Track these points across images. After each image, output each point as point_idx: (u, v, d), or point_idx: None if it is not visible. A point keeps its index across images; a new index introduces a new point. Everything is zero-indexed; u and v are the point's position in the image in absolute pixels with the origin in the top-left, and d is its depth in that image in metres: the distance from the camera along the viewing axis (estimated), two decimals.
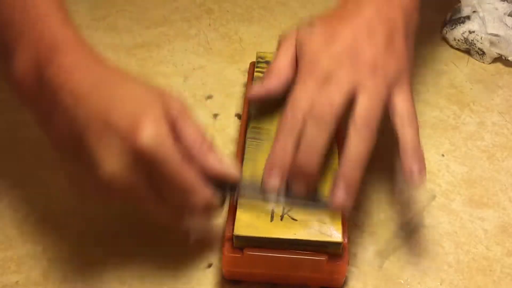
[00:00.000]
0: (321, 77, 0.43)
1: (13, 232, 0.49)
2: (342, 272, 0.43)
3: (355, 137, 0.42)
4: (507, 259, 0.48)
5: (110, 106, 0.38)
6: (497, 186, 0.54)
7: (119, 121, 0.38)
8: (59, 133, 0.40)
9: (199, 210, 0.41)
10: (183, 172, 0.39)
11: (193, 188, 0.40)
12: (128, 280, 0.46)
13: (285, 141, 0.43)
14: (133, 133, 0.37)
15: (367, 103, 0.42)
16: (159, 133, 0.38)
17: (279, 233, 0.42)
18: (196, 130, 0.41)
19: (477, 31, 0.66)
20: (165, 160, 0.38)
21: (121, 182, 0.38)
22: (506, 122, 0.60)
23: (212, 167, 0.41)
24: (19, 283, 0.45)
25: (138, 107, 0.38)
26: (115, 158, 0.37)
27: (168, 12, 0.73)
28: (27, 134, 0.57)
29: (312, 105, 0.42)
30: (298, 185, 0.43)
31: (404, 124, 0.44)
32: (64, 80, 0.39)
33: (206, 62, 0.66)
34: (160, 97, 0.40)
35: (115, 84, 0.40)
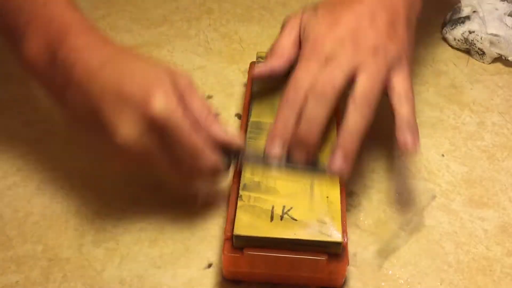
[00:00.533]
0: (324, 58, 0.45)
1: (13, 232, 0.49)
2: (342, 272, 0.43)
3: (354, 112, 0.45)
4: (507, 259, 0.48)
5: (122, 79, 0.41)
6: (497, 186, 0.54)
7: (132, 92, 0.41)
8: (74, 107, 0.43)
9: (206, 173, 0.44)
10: (193, 137, 0.42)
11: (202, 151, 0.43)
12: (128, 280, 0.46)
13: (287, 114, 0.45)
14: (146, 102, 0.41)
15: (366, 82, 0.45)
16: (170, 102, 0.41)
17: (279, 233, 0.42)
18: (202, 103, 0.44)
19: (477, 31, 0.66)
20: (176, 126, 0.41)
21: (136, 147, 0.41)
22: (506, 122, 0.60)
23: (217, 135, 0.44)
24: (19, 283, 0.45)
25: (149, 80, 0.42)
26: (129, 125, 0.41)
27: (168, 12, 0.73)
28: (27, 134, 0.57)
29: (314, 83, 0.45)
30: (298, 153, 0.46)
31: (401, 102, 0.46)
32: (76, 59, 0.42)
33: (206, 62, 0.66)
34: (168, 73, 0.43)
35: (125, 60, 0.43)
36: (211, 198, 0.51)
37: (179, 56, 0.67)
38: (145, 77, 0.42)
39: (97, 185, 0.52)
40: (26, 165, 0.54)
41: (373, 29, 0.46)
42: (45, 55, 0.43)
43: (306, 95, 0.45)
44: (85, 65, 0.42)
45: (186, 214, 0.50)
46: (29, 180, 0.53)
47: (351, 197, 0.52)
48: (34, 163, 0.54)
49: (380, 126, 0.59)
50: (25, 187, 0.52)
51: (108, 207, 0.51)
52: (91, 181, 0.53)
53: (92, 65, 0.42)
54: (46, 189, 0.52)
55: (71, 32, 0.43)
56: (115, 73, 0.42)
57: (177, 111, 0.41)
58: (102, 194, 0.52)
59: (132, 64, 0.43)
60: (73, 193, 0.52)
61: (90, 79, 0.42)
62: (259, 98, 0.52)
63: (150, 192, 0.52)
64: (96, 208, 0.50)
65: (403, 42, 0.48)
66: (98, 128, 0.42)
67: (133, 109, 0.41)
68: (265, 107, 0.51)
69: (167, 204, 0.51)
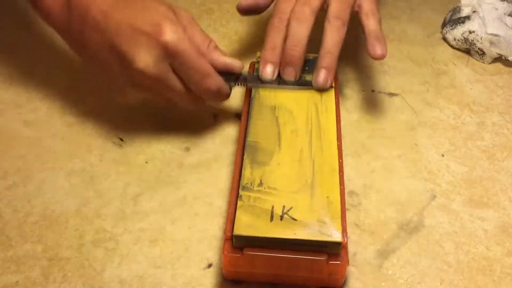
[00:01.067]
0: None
1: (13, 232, 0.49)
2: (342, 272, 0.43)
3: (329, 29, 0.52)
4: (507, 259, 0.48)
5: (135, 15, 0.48)
6: (497, 186, 0.54)
7: (145, 25, 0.47)
8: (92, 45, 0.49)
9: (213, 92, 0.51)
10: (200, 60, 0.49)
11: (209, 72, 0.50)
12: (128, 280, 0.46)
13: (274, 39, 0.53)
14: (158, 33, 0.47)
15: (338, 4, 0.53)
16: (178, 31, 0.47)
17: (279, 233, 0.42)
18: (203, 33, 0.51)
19: (477, 31, 0.66)
20: (185, 51, 0.48)
21: (153, 72, 0.47)
22: (506, 122, 0.60)
23: (219, 60, 0.51)
24: (19, 283, 0.45)
25: (158, 14, 0.48)
26: (145, 53, 0.47)
27: None
28: (27, 134, 0.57)
29: (294, 9, 0.52)
30: (288, 70, 0.53)
31: (368, 17, 0.54)
32: (91, 1, 0.48)
33: None
34: (171, 9, 0.49)
35: (134, 0, 0.49)
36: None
37: None
38: (154, 13, 0.48)
39: (97, 184, 0.52)
40: (26, 165, 0.54)
41: None
42: (60, 3, 0.49)
43: (288, 20, 0.52)
44: (99, 6, 0.48)
45: (186, 214, 0.50)
46: (29, 180, 0.53)
47: (351, 197, 0.52)
48: (34, 163, 0.54)
49: (381, 126, 0.59)
50: (25, 187, 0.52)
51: (108, 207, 0.51)
52: (91, 181, 0.53)
53: (105, 5, 0.48)
54: (46, 189, 0.52)
55: None
56: (128, 11, 0.48)
57: (185, 38, 0.48)
58: (102, 194, 0.52)
59: (141, 3, 0.49)
60: (73, 193, 0.52)
61: (105, 18, 0.47)
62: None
63: (150, 192, 0.52)
64: (96, 208, 0.51)
65: None
66: (116, 61, 0.48)
67: (148, 39, 0.47)
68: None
69: (167, 204, 0.51)
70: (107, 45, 0.48)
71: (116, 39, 0.47)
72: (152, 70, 0.47)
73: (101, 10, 0.48)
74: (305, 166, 0.46)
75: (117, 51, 0.47)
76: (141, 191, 0.52)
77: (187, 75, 0.49)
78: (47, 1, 0.50)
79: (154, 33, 0.47)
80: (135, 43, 0.47)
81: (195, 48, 0.49)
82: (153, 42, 0.47)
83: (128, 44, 0.47)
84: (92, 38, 0.48)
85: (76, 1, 0.49)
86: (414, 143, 0.58)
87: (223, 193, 0.52)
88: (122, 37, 0.47)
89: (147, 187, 0.52)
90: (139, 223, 0.49)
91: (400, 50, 0.70)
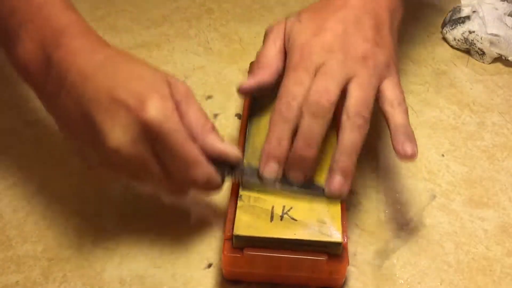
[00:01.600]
0: (313, 67, 0.44)
1: (13, 232, 0.49)
2: (342, 272, 0.43)
3: (349, 126, 0.43)
4: (507, 259, 0.48)
5: (118, 83, 0.40)
6: (497, 186, 0.54)
7: (127, 96, 0.39)
8: (67, 111, 0.41)
9: (201, 185, 0.42)
10: (187, 145, 0.40)
11: (196, 161, 0.41)
12: (128, 280, 0.46)
13: (281, 131, 0.43)
14: (140, 106, 0.39)
15: (359, 93, 0.43)
16: (166, 107, 0.39)
17: (279, 233, 0.42)
18: (200, 112, 0.43)
19: (477, 31, 0.66)
20: (171, 133, 0.39)
21: (128, 153, 0.40)
22: (506, 122, 0.60)
23: (213, 146, 0.42)
24: (19, 283, 0.45)
25: (145, 84, 0.40)
26: (122, 129, 0.39)
27: (168, 12, 0.73)
28: (28, 134, 0.57)
29: (307, 95, 0.43)
30: (295, 173, 0.44)
31: (394, 109, 0.45)
32: (72, 61, 0.41)
33: (206, 62, 0.66)
34: (166, 79, 0.42)
35: (121, 64, 0.42)
36: (206, 215, 0.50)
37: (179, 56, 0.67)
38: (141, 81, 0.41)
39: (97, 185, 0.52)
40: (26, 165, 0.54)
41: (360, 35, 0.45)
42: (40, 57, 0.42)
43: (300, 109, 0.43)
44: (80, 68, 0.41)
45: (186, 214, 0.50)
46: (29, 180, 0.53)
47: (351, 197, 0.52)
48: (34, 163, 0.54)
49: (381, 125, 0.59)
50: (25, 187, 0.52)
51: (108, 207, 0.51)
52: (91, 181, 0.53)
53: (87, 68, 0.41)
54: (46, 189, 0.52)
55: (67, 34, 0.42)
56: (110, 76, 0.40)
57: (172, 117, 0.40)
58: (102, 194, 0.52)
59: (128, 68, 0.42)
60: (73, 193, 0.52)
61: (84, 82, 0.40)
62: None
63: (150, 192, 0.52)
64: (96, 208, 0.50)
65: (390, 49, 0.47)
66: (90, 133, 0.40)
67: (127, 113, 0.39)
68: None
69: (167, 204, 0.51)
70: (82, 114, 0.40)
71: (92, 109, 0.39)
72: (127, 151, 0.39)
73: (82, 73, 0.40)
74: None
75: (91, 122, 0.40)
76: (141, 191, 0.52)
77: (170, 160, 0.41)
78: (26, 53, 0.42)
79: (136, 107, 0.39)
80: (111, 116, 0.39)
81: (185, 130, 0.40)
82: (132, 118, 0.39)
83: (104, 117, 0.39)
84: (67, 103, 0.41)
85: (57, 58, 0.41)
86: None
87: (223, 193, 0.52)
88: (99, 108, 0.39)
89: None
90: (139, 223, 0.49)
91: (400, 50, 0.70)
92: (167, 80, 0.41)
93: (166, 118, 0.39)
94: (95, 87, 0.40)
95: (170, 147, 0.40)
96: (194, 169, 0.41)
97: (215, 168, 0.42)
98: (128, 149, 0.39)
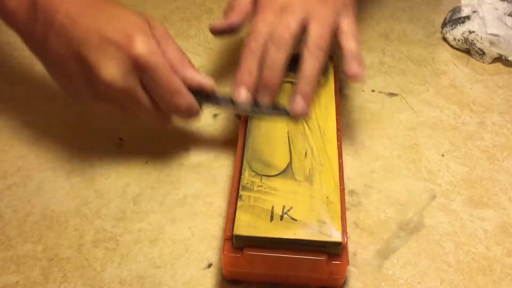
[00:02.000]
0: (279, 9, 0.51)
1: (13, 232, 0.49)
2: (342, 272, 0.43)
3: (309, 58, 0.50)
4: (507, 259, 0.48)
5: (105, 23, 0.45)
6: (497, 186, 0.54)
7: (116, 35, 0.44)
8: (57, 53, 0.45)
9: (183, 112, 0.48)
10: (172, 77, 0.46)
11: (180, 90, 0.47)
12: (128, 280, 0.46)
13: (250, 62, 0.50)
14: (129, 44, 0.44)
15: (318, 29, 0.50)
16: (150, 44, 0.45)
17: (279, 233, 0.42)
18: (178, 49, 0.48)
19: (477, 31, 0.66)
20: (157, 66, 0.45)
21: (120, 86, 0.45)
22: (506, 122, 0.60)
23: (192, 78, 0.48)
24: (19, 283, 0.45)
25: (130, 24, 0.45)
26: (113, 64, 0.44)
27: (168, 12, 0.73)
28: (28, 133, 0.57)
29: (272, 31, 0.50)
30: (263, 96, 0.50)
31: (347, 38, 0.51)
32: (58, 4, 0.45)
33: (206, 62, 0.66)
34: (146, 20, 0.46)
35: (106, 7, 0.46)
36: None
37: None
38: (126, 21, 0.45)
39: (97, 184, 0.52)
40: (26, 165, 0.54)
41: None
42: (26, 4, 0.45)
43: (266, 43, 0.49)
44: (67, 11, 0.44)
45: (186, 214, 0.50)
46: (29, 180, 0.53)
47: (351, 197, 0.52)
48: (34, 163, 0.54)
49: (381, 126, 0.59)
50: (25, 187, 0.52)
51: (108, 207, 0.51)
52: (91, 181, 0.53)
53: (75, 10, 0.45)
54: (46, 189, 0.52)
55: None
56: (97, 18, 0.45)
57: (157, 52, 0.45)
58: (102, 194, 0.52)
59: (112, 10, 0.46)
60: (73, 193, 0.52)
61: (72, 24, 0.44)
62: None
63: (150, 192, 0.52)
64: (96, 208, 0.51)
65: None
66: (82, 72, 0.45)
67: (117, 50, 0.44)
68: None
69: (167, 204, 0.51)
70: (73, 54, 0.45)
71: (83, 48, 0.44)
72: (119, 84, 0.44)
73: (69, 16, 0.44)
74: (305, 166, 0.46)
75: (83, 60, 0.44)
76: (141, 191, 0.52)
77: (156, 91, 0.46)
78: (11, 1, 0.46)
79: (125, 44, 0.44)
80: (103, 54, 0.44)
81: (168, 64, 0.46)
82: (122, 54, 0.44)
83: (96, 54, 0.44)
84: (57, 45, 0.45)
85: (42, 4, 0.45)
86: (414, 143, 0.58)
87: (223, 193, 0.52)
88: (90, 46, 0.44)
89: (147, 187, 0.52)
90: (139, 223, 0.49)
91: (400, 50, 0.70)
92: (147, 21, 0.46)
93: (152, 52, 0.44)
94: (84, 28, 0.44)
95: (157, 78, 0.45)
96: (177, 98, 0.47)
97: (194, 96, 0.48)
98: (120, 82, 0.44)
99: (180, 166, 0.54)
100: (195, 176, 0.53)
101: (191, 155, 0.55)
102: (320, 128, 0.50)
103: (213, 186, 0.53)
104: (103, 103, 0.48)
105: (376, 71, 0.66)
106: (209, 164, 0.55)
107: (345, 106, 0.61)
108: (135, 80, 0.45)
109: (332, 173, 0.46)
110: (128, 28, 0.45)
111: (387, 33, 0.72)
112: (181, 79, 0.47)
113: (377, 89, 0.64)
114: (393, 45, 0.70)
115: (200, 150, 0.56)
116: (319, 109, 0.52)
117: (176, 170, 0.54)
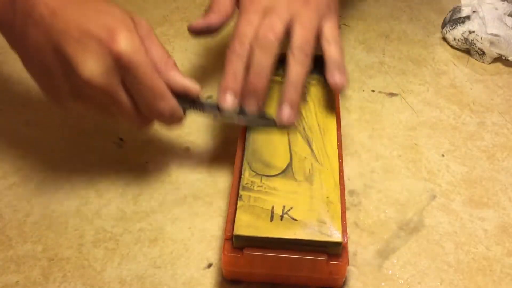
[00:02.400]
0: (262, 10, 0.49)
1: (13, 232, 0.49)
2: (342, 272, 0.43)
3: (293, 62, 0.48)
4: (507, 259, 0.48)
5: (87, 17, 0.42)
6: (497, 186, 0.54)
7: (98, 29, 0.41)
8: (35, 45, 0.42)
9: (166, 117, 0.46)
10: (155, 78, 0.43)
11: (163, 94, 0.44)
12: (128, 280, 0.46)
13: (235, 66, 0.48)
14: (111, 40, 0.41)
15: (302, 32, 0.48)
16: (134, 41, 0.42)
17: (279, 233, 0.42)
18: (162, 48, 0.46)
19: (477, 31, 0.66)
20: (140, 65, 0.42)
21: (100, 84, 0.42)
22: (506, 122, 0.61)
23: (176, 80, 0.45)
24: (19, 283, 0.45)
25: (114, 19, 0.43)
26: (93, 60, 0.41)
27: (168, 12, 0.73)
28: (27, 134, 0.57)
29: (257, 34, 0.48)
30: (250, 102, 0.48)
31: (330, 44, 0.50)
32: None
33: (206, 62, 0.66)
34: (129, 16, 0.44)
35: (87, 1, 0.44)
36: None
37: (179, 56, 0.67)
38: (109, 16, 0.43)
39: (96, 185, 0.52)
40: (26, 165, 0.54)
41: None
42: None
43: (250, 46, 0.47)
44: (47, 2, 0.42)
45: (186, 214, 0.50)
46: (29, 180, 0.53)
47: (351, 197, 0.52)
48: (34, 163, 0.54)
49: (381, 126, 0.59)
50: (25, 187, 0.52)
51: (107, 207, 0.51)
52: (91, 181, 0.53)
53: (55, 2, 0.42)
54: (46, 189, 0.52)
55: None
56: (79, 11, 0.42)
57: (141, 50, 0.42)
58: (102, 194, 0.52)
59: (95, 4, 0.44)
60: (73, 193, 0.52)
61: (52, 16, 0.42)
62: None
63: (150, 192, 0.52)
64: (96, 208, 0.51)
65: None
66: (61, 66, 0.42)
67: (98, 45, 0.41)
68: None
69: (167, 204, 0.51)
70: (52, 47, 0.42)
71: (62, 41, 0.41)
72: (99, 81, 0.42)
73: (49, 6, 0.42)
74: (305, 166, 0.46)
75: (62, 54, 0.41)
76: (141, 191, 0.52)
77: (138, 92, 0.44)
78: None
79: (107, 39, 0.41)
80: (83, 48, 0.41)
81: (151, 64, 0.43)
82: (104, 49, 0.41)
83: (75, 48, 0.41)
84: (35, 37, 0.42)
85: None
86: (414, 143, 0.58)
87: (223, 193, 0.52)
88: (69, 40, 0.41)
89: (147, 187, 0.52)
90: (139, 223, 0.49)
91: (400, 50, 0.70)
92: (131, 18, 0.44)
93: (135, 50, 0.42)
94: (64, 21, 0.41)
95: (139, 78, 0.43)
96: (160, 102, 0.44)
97: (177, 101, 0.46)
98: (100, 79, 0.42)
99: (180, 166, 0.54)
100: (195, 176, 0.53)
101: (191, 155, 0.55)
102: (320, 128, 0.50)
103: (213, 186, 0.53)
104: (81, 102, 0.45)
105: (376, 71, 0.66)
106: (209, 164, 0.55)
107: (345, 106, 0.61)
108: (116, 79, 0.43)
109: (332, 173, 0.46)
110: (111, 23, 0.42)
111: (387, 33, 0.72)
112: (165, 81, 0.45)
113: (377, 89, 0.64)
114: (393, 45, 0.70)
115: (200, 150, 0.56)
116: (319, 109, 0.52)
117: (176, 170, 0.54)
